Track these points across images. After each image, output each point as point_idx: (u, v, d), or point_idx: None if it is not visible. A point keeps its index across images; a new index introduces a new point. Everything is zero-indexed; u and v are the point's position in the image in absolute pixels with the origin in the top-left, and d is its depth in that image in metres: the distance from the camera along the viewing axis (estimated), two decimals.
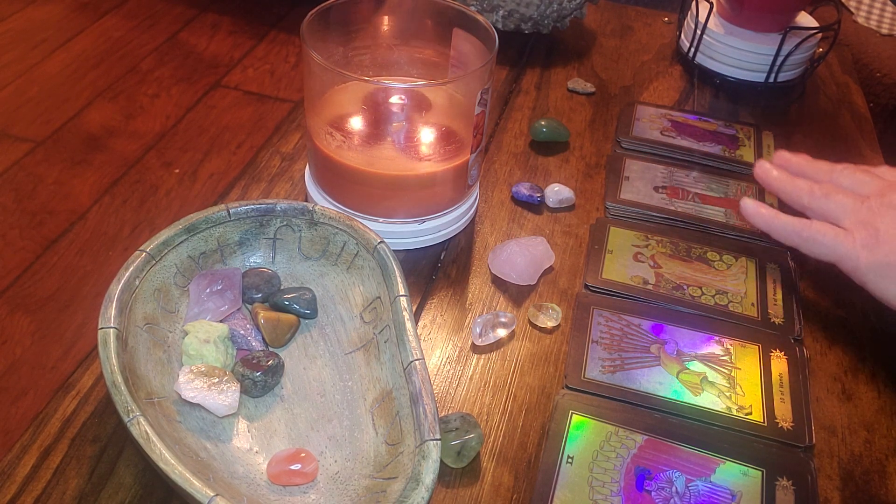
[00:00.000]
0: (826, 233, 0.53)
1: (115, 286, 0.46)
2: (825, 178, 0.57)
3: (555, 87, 0.82)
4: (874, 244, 0.51)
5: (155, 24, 2.14)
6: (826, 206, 0.54)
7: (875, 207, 0.52)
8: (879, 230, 0.51)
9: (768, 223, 0.56)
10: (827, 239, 0.53)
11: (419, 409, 0.43)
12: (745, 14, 0.82)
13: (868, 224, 0.52)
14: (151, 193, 1.62)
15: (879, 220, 0.51)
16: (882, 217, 0.52)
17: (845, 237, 0.52)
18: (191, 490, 0.38)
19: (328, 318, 0.53)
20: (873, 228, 0.51)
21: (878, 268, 0.50)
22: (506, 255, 0.58)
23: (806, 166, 0.59)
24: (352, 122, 0.60)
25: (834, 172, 0.57)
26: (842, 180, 0.56)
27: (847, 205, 0.54)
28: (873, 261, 0.50)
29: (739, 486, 0.46)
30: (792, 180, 0.58)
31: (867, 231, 0.51)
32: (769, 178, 0.59)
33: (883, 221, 0.51)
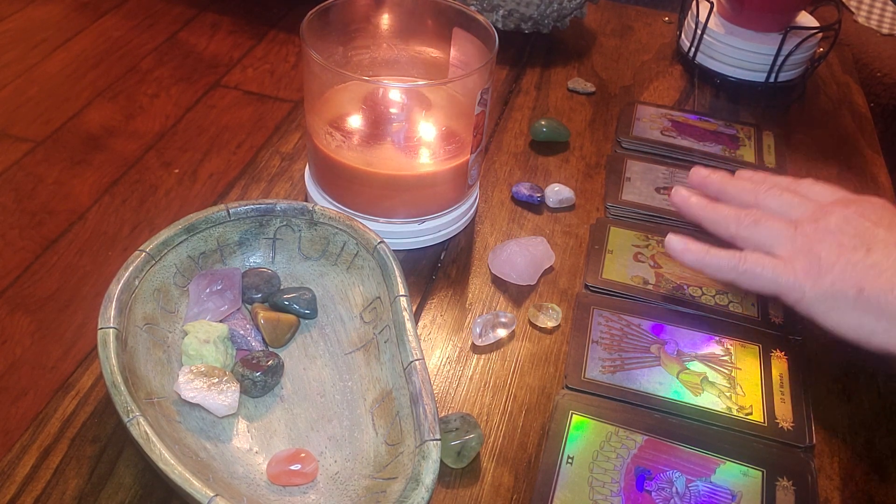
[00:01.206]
0: (764, 265, 0.49)
1: (114, 286, 0.46)
2: (749, 200, 0.54)
3: (555, 86, 0.82)
4: (818, 273, 0.47)
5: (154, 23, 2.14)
6: (757, 234, 0.51)
7: (810, 233, 0.49)
8: (821, 257, 0.47)
9: (700, 260, 0.51)
10: (766, 271, 0.49)
11: (419, 410, 0.43)
12: (745, 14, 0.82)
13: (807, 252, 0.48)
14: (151, 193, 1.62)
15: (818, 246, 0.48)
16: (820, 243, 0.48)
17: (785, 268, 0.48)
18: (190, 490, 0.38)
19: (328, 318, 0.53)
20: (814, 256, 0.48)
21: (825, 298, 0.47)
22: (506, 255, 0.58)
23: (727, 186, 0.55)
24: (351, 121, 0.60)
25: (758, 194, 0.53)
26: (769, 202, 0.53)
27: (780, 232, 0.50)
28: (820, 291, 0.47)
29: (740, 487, 0.46)
30: (715, 207, 0.53)
31: (808, 259, 0.48)
32: (689, 206, 0.55)
33: (822, 248, 0.48)
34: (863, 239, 0.47)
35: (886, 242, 0.46)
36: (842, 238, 0.47)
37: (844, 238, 0.47)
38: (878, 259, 0.46)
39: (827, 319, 0.47)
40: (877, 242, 0.47)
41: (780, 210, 0.52)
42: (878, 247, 0.46)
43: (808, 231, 0.49)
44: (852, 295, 0.45)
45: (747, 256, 0.50)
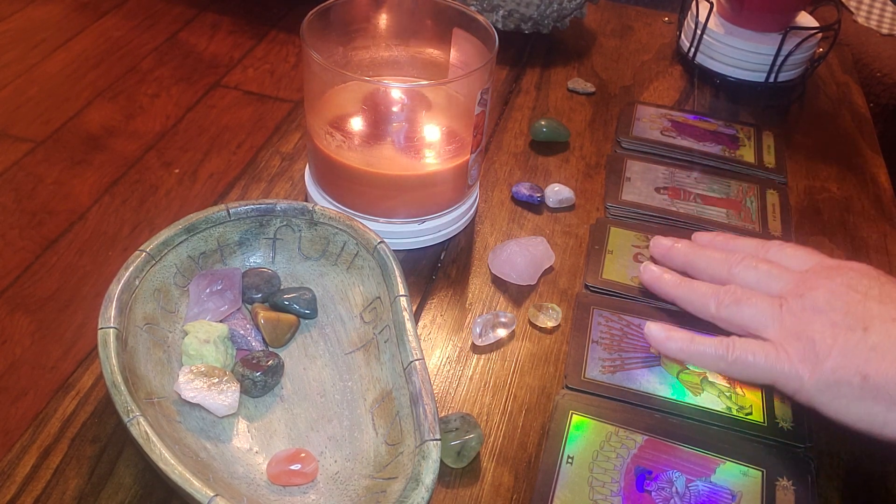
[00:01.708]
0: (756, 353, 0.45)
1: (114, 286, 0.46)
2: (722, 273, 0.50)
3: (555, 86, 0.82)
4: (815, 359, 0.43)
5: (155, 23, 2.14)
6: (740, 314, 0.47)
7: (798, 311, 0.45)
8: (815, 341, 0.43)
9: (684, 350, 0.47)
10: (758, 360, 0.44)
11: (419, 410, 0.43)
12: (745, 14, 0.82)
13: (798, 334, 0.44)
14: (151, 193, 1.62)
15: (810, 327, 0.44)
16: (811, 323, 0.44)
17: (778, 355, 0.44)
18: (190, 490, 0.38)
19: (328, 318, 0.53)
20: (807, 339, 0.43)
21: (827, 387, 0.42)
22: (506, 255, 0.58)
23: (694, 258, 0.52)
24: (352, 122, 0.60)
25: (731, 266, 0.50)
26: (744, 276, 0.49)
27: (765, 311, 0.46)
28: (820, 380, 0.42)
29: (739, 487, 0.46)
30: (690, 286, 0.50)
31: (801, 343, 0.43)
32: (661, 285, 0.51)
33: (815, 329, 0.43)
34: (856, 316, 0.43)
35: (883, 318, 0.43)
36: (834, 316, 0.43)
37: (837, 316, 0.43)
38: (878, 340, 0.42)
39: (831, 410, 0.43)
40: (872, 319, 0.43)
41: (757, 284, 0.48)
42: (875, 324, 0.42)
43: (796, 309, 0.45)
44: (857, 383, 0.41)
45: (735, 344, 0.45)
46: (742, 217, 0.66)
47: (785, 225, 0.65)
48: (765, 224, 0.65)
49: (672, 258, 0.53)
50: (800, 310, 0.45)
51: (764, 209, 0.67)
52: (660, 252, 0.54)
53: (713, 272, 0.50)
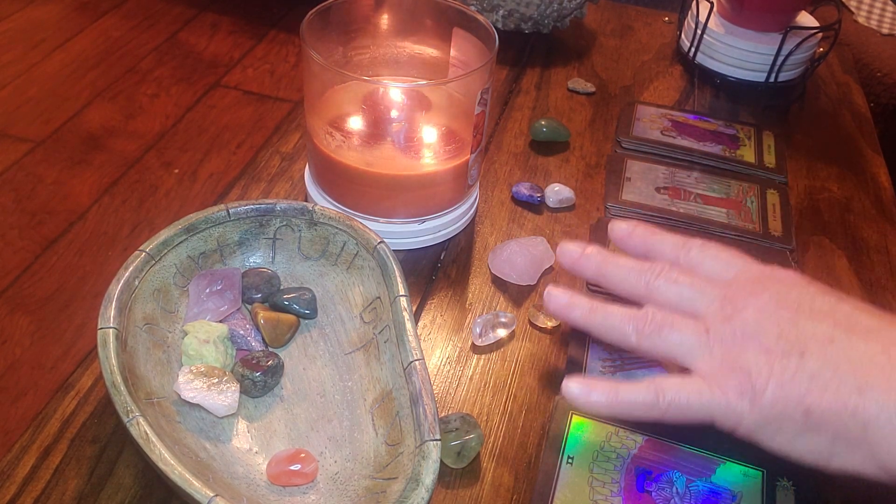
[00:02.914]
0: (689, 393, 0.40)
1: (114, 286, 0.46)
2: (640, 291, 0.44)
3: (555, 86, 0.82)
4: (752, 392, 0.39)
5: (154, 23, 2.14)
6: (662, 344, 0.42)
7: (727, 337, 0.41)
8: (750, 372, 0.39)
9: (612, 404, 0.42)
10: (692, 401, 0.40)
11: (419, 410, 0.43)
12: (745, 14, 0.82)
13: (731, 365, 0.40)
14: (151, 193, 1.62)
15: (742, 356, 0.40)
16: (742, 351, 0.40)
17: (713, 392, 0.40)
18: (190, 490, 0.38)
19: (328, 319, 0.53)
20: (740, 370, 0.39)
21: (768, 423, 0.39)
22: (506, 255, 0.58)
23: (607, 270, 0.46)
24: (352, 121, 0.60)
25: (648, 282, 0.44)
26: (663, 293, 0.44)
27: (691, 339, 0.41)
28: (760, 415, 0.39)
29: (740, 487, 0.46)
30: (604, 313, 0.44)
31: (734, 375, 0.39)
32: (572, 315, 0.45)
33: (747, 358, 0.39)
34: (790, 340, 0.39)
35: (818, 339, 0.39)
36: (766, 341, 0.40)
37: (769, 341, 0.40)
38: (816, 366, 0.38)
39: (774, 444, 0.40)
40: (808, 342, 0.39)
41: (679, 303, 0.43)
42: (811, 347, 0.39)
43: (724, 335, 0.41)
44: (799, 417, 0.38)
45: (665, 388, 0.41)
46: (742, 217, 0.66)
47: (785, 225, 0.65)
48: (765, 224, 0.65)
49: (582, 269, 0.47)
50: (729, 336, 0.41)
51: (764, 209, 0.67)
52: (568, 263, 0.47)
53: (629, 287, 0.45)
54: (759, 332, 0.40)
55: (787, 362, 0.39)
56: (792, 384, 0.38)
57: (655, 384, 0.41)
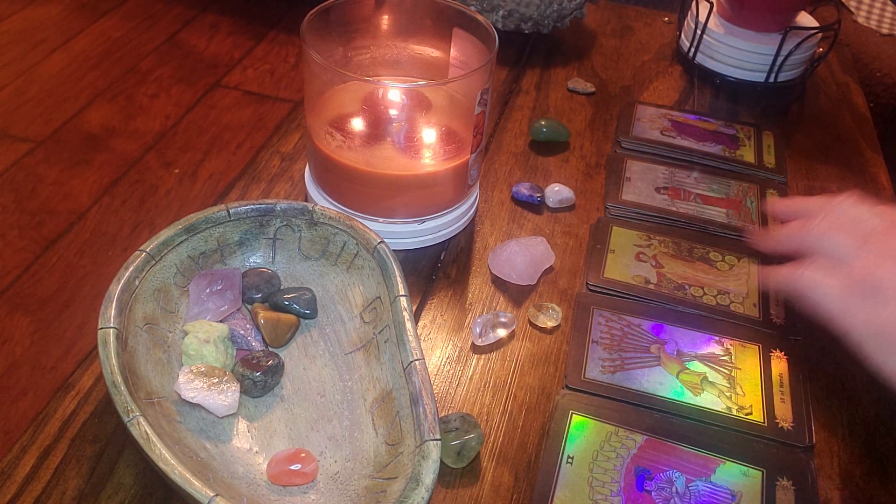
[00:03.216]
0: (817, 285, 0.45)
1: (114, 286, 0.46)
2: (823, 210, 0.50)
3: (555, 86, 0.82)
4: (873, 304, 0.42)
5: (154, 24, 2.14)
6: (823, 241, 0.47)
7: (876, 252, 0.44)
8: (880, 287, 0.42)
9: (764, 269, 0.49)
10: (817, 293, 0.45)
11: (419, 410, 0.43)
12: (745, 14, 0.82)
13: (867, 275, 0.43)
14: (151, 193, 1.62)
15: (880, 270, 0.43)
16: (882, 268, 0.43)
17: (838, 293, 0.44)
18: (191, 490, 0.38)
19: (328, 318, 0.53)
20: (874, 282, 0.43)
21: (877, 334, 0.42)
22: (506, 255, 0.58)
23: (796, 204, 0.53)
24: (352, 122, 0.60)
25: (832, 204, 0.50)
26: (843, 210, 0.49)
27: (846, 244, 0.46)
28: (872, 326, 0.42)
29: (739, 487, 0.46)
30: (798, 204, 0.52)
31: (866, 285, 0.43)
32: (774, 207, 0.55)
33: (885, 274, 0.43)
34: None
35: None
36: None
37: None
38: None
39: (875, 358, 0.42)
40: None
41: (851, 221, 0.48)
42: None
43: (875, 249, 0.44)
44: None
45: (807, 272, 0.46)
46: (742, 217, 0.66)
47: None
48: (765, 224, 0.65)
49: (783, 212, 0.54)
50: (878, 251, 0.44)
51: (764, 209, 0.67)
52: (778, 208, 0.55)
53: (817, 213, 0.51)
54: None
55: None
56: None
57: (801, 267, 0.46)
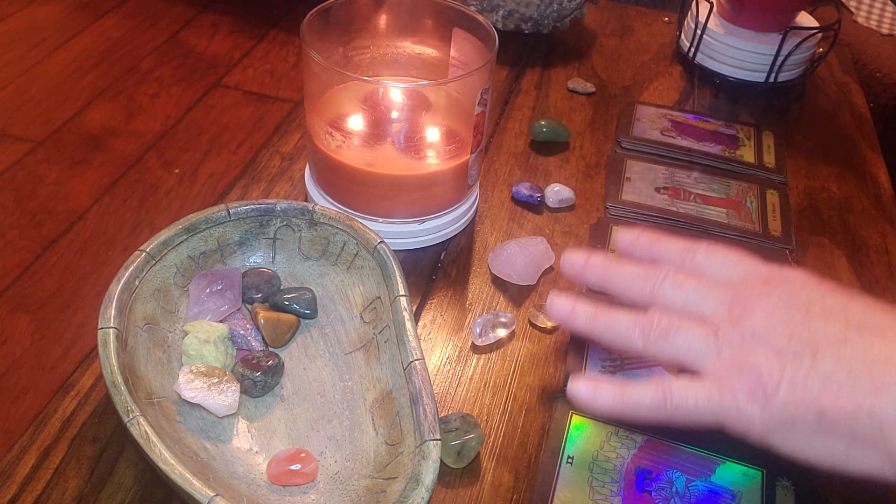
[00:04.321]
0: (697, 396, 0.39)
1: (114, 286, 0.46)
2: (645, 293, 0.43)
3: (555, 86, 0.82)
4: (763, 395, 0.38)
5: (155, 23, 2.14)
6: (670, 348, 0.41)
7: (737, 340, 0.39)
8: (761, 374, 0.38)
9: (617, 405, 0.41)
10: (701, 403, 0.39)
11: (419, 410, 0.43)
12: (745, 14, 0.82)
13: (741, 367, 0.39)
14: (151, 193, 1.62)
15: (752, 357, 0.38)
16: (752, 353, 0.39)
17: (722, 395, 0.39)
18: (190, 490, 0.38)
19: (328, 318, 0.53)
20: (751, 372, 0.38)
21: (780, 426, 0.38)
22: (506, 255, 0.58)
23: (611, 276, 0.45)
24: (352, 122, 0.60)
25: (654, 285, 0.43)
26: (669, 296, 0.42)
27: (699, 342, 0.40)
28: (773, 417, 0.38)
29: (739, 487, 0.46)
30: (608, 318, 0.43)
31: (745, 377, 0.38)
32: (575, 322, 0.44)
33: (758, 359, 0.38)
34: (801, 340, 0.38)
35: (830, 340, 0.38)
36: (776, 343, 0.39)
37: (780, 342, 0.38)
38: (829, 368, 0.37)
39: (787, 448, 0.38)
40: (819, 342, 0.38)
41: (685, 306, 0.42)
42: (823, 348, 0.38)
43: (733, 337, 0.40)
44: (812, 419, 0.37)
45: (673, 390, 0.39)
46: (742, 217, 0.66)
47: (785, 225, 0.65)
48: (765, 224, 0.65)
49: (586, 277, 0.46)
50: (738, 338, 0.40)
51: (764, 209, 0.67)
52: (572, 272, 0.46)
53: (635, 292, 0.44)
54: (769, 334, 0.39)
55: (798, 363, 0.38)
56: (805, 386, 0.37)
57: (663, 386, 0.40)
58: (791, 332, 0.39)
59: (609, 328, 0.43)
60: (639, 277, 0.44)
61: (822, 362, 0.37)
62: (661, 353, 0.41)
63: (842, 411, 0.36)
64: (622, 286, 0.44)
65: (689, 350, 0.40)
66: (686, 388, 0.39)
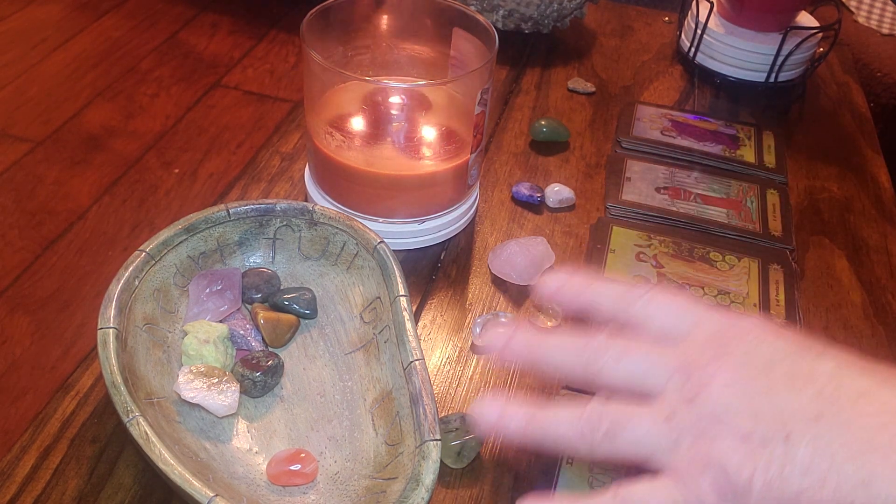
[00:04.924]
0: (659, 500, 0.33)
1: (114, 286, 0.46)
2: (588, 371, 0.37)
3: (555, 86, 0.82)
4: (734, 494, 0.32)
5: (155, 23, 2.14)
6: (620, 447, 0.35)
7: (692, 424, 0.34)
8: (727, 469, 0.32)
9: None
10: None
11: (419, 410, 0.43)
12: (745, 14, 0.82)
13: (705, 462, 0.33)
14: (151, 193, 1.62)
15: (714, 448, 0.33)
16: (714, 441, 0.33)
17: (686, 496, 0.33)
18: (190, 490, 0.38)
19: (328, 319, 0.53)
20: (717, 468, 0.32)
21: None
22: (506, 255, 0.58)
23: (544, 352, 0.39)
24: (352, 122, 0.60)
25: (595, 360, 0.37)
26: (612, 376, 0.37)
27: (650, 439, 0.34)
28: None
29: None
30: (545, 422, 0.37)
31: (711, 475, 0.32)
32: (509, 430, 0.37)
33: (721, 451, 0.33)
34: (767, 420, 0.33)
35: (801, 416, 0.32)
36: (739, 424, 0.33)
37: (743, 423, 0.33)
38: (807, 457, 0.31)
39: None
40: (788, 420, 0.32)
41: (629, 382, 0.36)
42: (796, 428, 0.32)
43: (688, 421, 0.34)
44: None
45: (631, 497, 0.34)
46: (742, 217, 0.66)
47: (785, 225, 0.65)
48: (765, 224, 0.65)
49: (515, 357, 0.40)
50: (694, 422, 0.34)
51: (764, 209, 0.67)
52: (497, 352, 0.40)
53: (570, 373, 0.38)
54: (730, 414, 0.33)
55: (771, 452, 0.32)
56: (783, 481, 0.32)
57: (621, 495, 0.34)
58: (755, 409, 0.33)
59: (547, 431, 0.37)
60: (571, 353, 0.38)
61: (798, 449, 0.32)
62: (613, 455, 0.36)
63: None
64: (555, 364, 0.39)
65: (642, 446, 0.35)
66: (646, 493, 0.34)
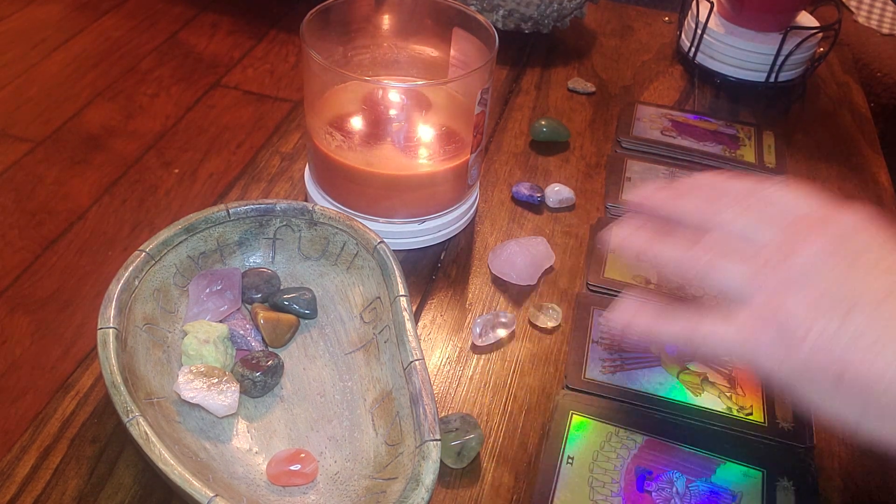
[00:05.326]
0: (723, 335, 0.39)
1: (114, 286, 0.46)
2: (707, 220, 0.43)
3: (555, 86, 0.82)
4: (789, 342, 0.37)
5: (154, 23, 2.14)
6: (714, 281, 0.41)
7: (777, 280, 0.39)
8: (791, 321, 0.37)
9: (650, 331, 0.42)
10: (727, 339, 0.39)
11: (419, 410, 0.43)
12: (745, 14, 0.82)
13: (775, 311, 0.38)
14: (151, 193, 1.62)
15: (787, 302, 0.38)
16: (788, 296, 0.38)
17: (750, 333, 0.38)
18: (190, 490, 0.38)
19: (328, 319, 0.53)
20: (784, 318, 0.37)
21: (801, 377, 0.37)
22: (506, 255, 0.58)
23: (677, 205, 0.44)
24: (352, 121, 0.60)
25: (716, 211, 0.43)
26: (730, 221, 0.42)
27: (739, 279, 0.40)
28: (794, 368, 0.37)
29: (740, 487, 0.46)
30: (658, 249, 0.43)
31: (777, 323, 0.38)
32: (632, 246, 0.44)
33: (792, 305, 0.37)
34: (836, 296, 0.37)
35: (868, 297, 0.36)
36: (811, 293, 0.37)
37: (815, 293, 0.37)
38: (860, 327, 0.36)
39: (804, 400, 0.38)
40: (857, 299, 0.36)
41: (743, 231, 0.41)
42: (861, 304, 0.36)
43: (772, 279, 0.39)
44: (832, 377, 0.36)
45: (702, 325, 0.40)
46: None
47: None
48: None
49: (652, 209, 0.45)
50: (776, 281, 0.39)
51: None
52: (637, 203, 0.46)
53: (698, 220, 0.43)
54: (807, 282, 0.38)
55: (828, 321, 0.36)
56: (831, 343, 0.36)
57: (695, 321, 0.40)
58: (832, 282, 0.37)
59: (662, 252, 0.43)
60: (703, 204, 0.43)
61: (855, 320, 0.36)
62: (707, 286, 0.42)
63: (861, 377, 0.35)
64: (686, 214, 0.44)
65: (730, 287, 0.40)
66: (714, 326, 0.40)
